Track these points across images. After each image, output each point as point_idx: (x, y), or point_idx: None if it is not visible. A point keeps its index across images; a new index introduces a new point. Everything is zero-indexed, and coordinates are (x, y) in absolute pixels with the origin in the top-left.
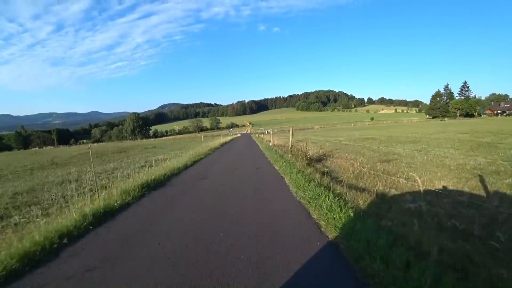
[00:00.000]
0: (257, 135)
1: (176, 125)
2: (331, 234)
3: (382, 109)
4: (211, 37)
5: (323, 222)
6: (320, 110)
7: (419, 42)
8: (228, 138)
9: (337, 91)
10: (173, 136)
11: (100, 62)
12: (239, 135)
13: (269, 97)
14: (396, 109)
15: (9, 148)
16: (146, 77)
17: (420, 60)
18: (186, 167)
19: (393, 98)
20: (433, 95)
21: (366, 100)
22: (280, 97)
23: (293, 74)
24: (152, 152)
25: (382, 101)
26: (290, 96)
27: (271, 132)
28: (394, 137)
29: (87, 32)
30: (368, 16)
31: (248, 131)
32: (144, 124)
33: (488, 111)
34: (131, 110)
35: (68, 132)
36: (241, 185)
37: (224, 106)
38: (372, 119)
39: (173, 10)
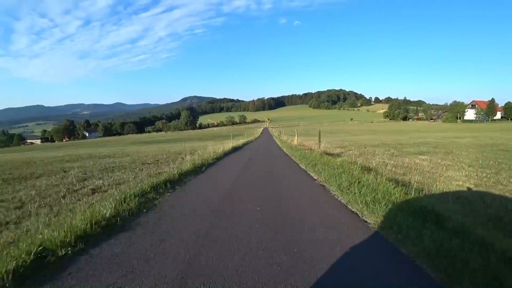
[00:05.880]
0: (271, 129)
1: (209, 119)
2: (287, 151)
3: (382, 109)
4: (232, 30)
5: (286, 150)
6: (329, 108)
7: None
8: (260, 129)
9: (347, 90)
10: (213, 128)
11: (124, 55)
12: (262, 128)
13: (286, 94)
14: None
15: (120, 133)
16: (168, 70)
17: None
18: (260, 133)
19: (399, 98)
20: (388, 106)
21: (373, 99)
22: (295, 94)
23: (309, 73)
24: (239, 134)
25: (388, 100)
26: (305, 94)
27: (276, 127)
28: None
29: (113, 26)
30: (388, 12)
31: (267, 126)
32: (193, 119)
33: (415, 117)
34: (153, 102)
35: (139, 123)
36: (268, 136)
37: (246, 102)
38: (351, 119)
39: (195, 4)
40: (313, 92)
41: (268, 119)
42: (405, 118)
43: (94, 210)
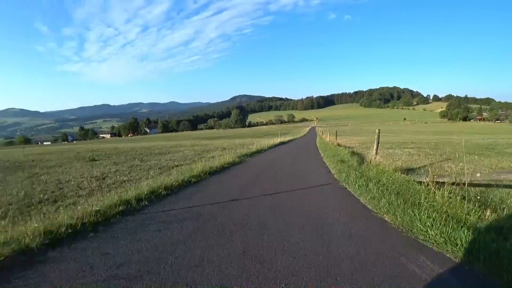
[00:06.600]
0: (318, 128)
1: (258, 117)
2: (319, 145)
3: (441, 108)
4: (280, 29)
5: (318, 144)
6: (381, 107)
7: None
8: (307, 128)
9: (402, 87)
10: (262, 126)
11: (178, 56)
12: (309, 127)
13: (336, 93)
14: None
15: (176, 130)
16: (218, 70)
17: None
18: (306, 132)
19: (461, 95)
20: (447, 104)
21: (431, 97)
22: (346, 92)
23: (360, 70)
24: (286, 133)
25: (449, 98)
26: (356, 92)
27: (323, 126)
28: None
29: (167, 31)
30: (448, 6)
31: (314, 125)
32: (243, 117)
33: (478, 117)
34: (205, 100)
35: (192, 121)
36: (313, 134)
37: (295, 100)
38: (404, 119)
39: (243, 5)
40: (364, 90)
41: (316, 118)
42: (465, 119)
43: (225, 160)
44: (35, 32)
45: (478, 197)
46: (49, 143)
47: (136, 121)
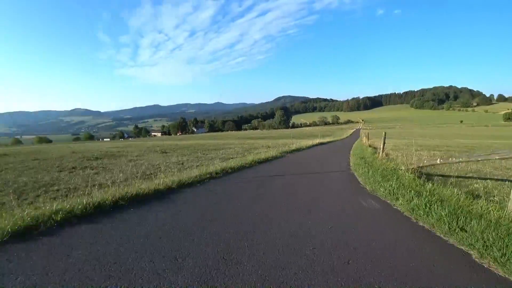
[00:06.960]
0: (362, 131)
1: (302, 119)
2: (353, 146)
3: (508, 109)
4: (325, 28)
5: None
6: (435, 109)
7: None
8: (351, 130)
9: (459, 87)
10: (305, 128)
11: (223, 58)
12: (353, 130)
13: (384, 93)
14: None
15: (221, 130)
16: (263, 71)
17: None
18: (349, 134)
19: None
20: None
21: (496, 97)
22: (395, 93)
23: (411, 69)
24: (328, 135)
25: None
26: (406, 92)
27: (369, 129)
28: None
29: (213, 34)
30: None
31: (360, 127)
32: (287, 118)
33: None
34: (249, 101)
35: (236, 121)
36: (354, 137)
37: (340, 101)
38: (461, 121)
39: (287, 5)
40: (415, 90)
41: (362, 120)
42: None
43: (269, 154)
44: (98, 41)
45: (425, 176)
46: (108, 139)
47: (184, 121)
